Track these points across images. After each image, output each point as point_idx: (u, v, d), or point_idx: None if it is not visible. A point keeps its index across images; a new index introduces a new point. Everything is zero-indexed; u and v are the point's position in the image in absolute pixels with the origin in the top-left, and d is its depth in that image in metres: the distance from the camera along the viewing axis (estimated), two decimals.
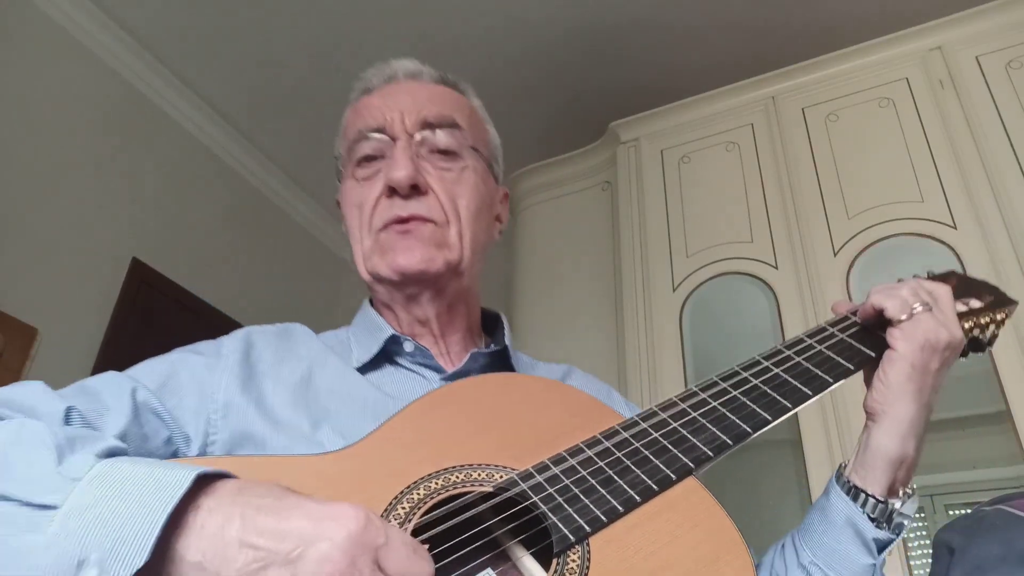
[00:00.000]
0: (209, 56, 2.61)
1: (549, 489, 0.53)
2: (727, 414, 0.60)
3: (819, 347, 0.68)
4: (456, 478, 0.54)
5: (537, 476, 0.54)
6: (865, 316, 0.71)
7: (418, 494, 0.52)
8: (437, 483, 0.53)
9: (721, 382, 0.65)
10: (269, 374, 0.69)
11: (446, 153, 0.76)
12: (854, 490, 0.65)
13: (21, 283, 2.11)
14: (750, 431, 0.59)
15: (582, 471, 0.55)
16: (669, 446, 0.57)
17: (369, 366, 0.74)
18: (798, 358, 0.67)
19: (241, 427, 0.63)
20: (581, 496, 0.52)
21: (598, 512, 0.51)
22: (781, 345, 0.69)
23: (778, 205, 2.13)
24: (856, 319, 0.72)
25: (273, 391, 0.67)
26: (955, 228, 1.86)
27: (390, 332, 0.75)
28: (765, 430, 0.61)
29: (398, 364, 0.75)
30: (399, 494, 0.51)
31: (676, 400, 0.63)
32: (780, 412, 0.61)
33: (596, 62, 2.61)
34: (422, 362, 0.75)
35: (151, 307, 2.49)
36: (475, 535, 0.50)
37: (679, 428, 0.59)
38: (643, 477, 0.54)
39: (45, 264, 2.20)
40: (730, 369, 0.66)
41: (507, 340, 0.79)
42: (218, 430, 0.63)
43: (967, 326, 0.72)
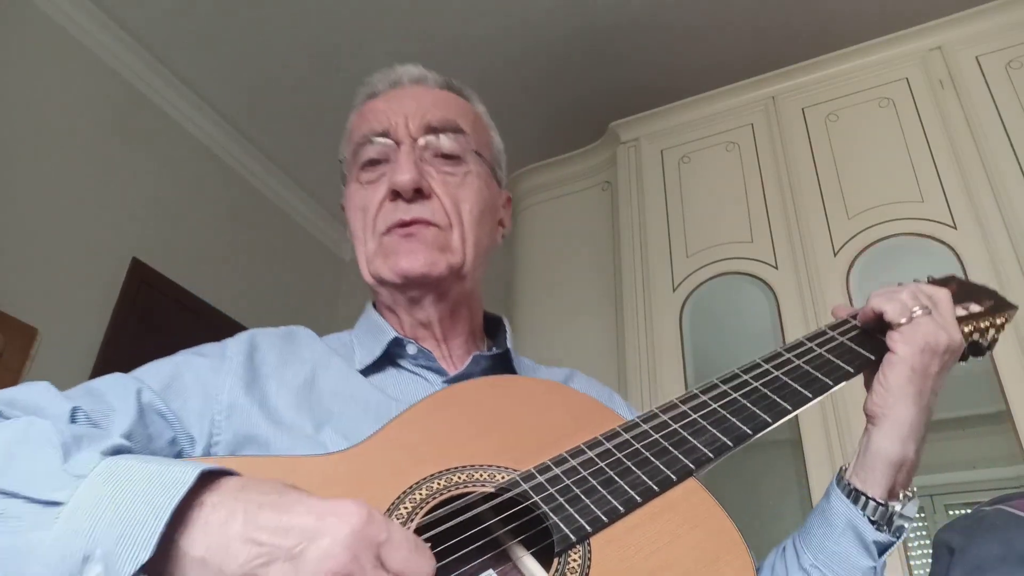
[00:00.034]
0: (209, 56, 2.61)
1: (550, 489, 0.53)
2: (727, 416, 0.61)
3: (819, 350, 0.69)
4: (458, 478, 0.54)
5: (539, 476, 0.54)
6: (865, 320, 0.71)
7: (420, 494, 0.52)
8: (439, 483, 0.53)
9: (721, 384, 0.65)
10: (273, 376, 0.69)
11: (449, 157, 0.77)
12: (854, 493, 0.65)
13: (21, 283, 2.11)
14: (750, 433, 0.60)
15: (583, 472, 0.55)
16: (670, 447, 0.57)
17: (372, 368, 0.74)
18: (798, 361, 0.67)
19: (245, 428, 0.63)
20: (582, 496, 0.53)
21: (599, 512, 0.51)
22: (781, 348, 0.69)
23: (778, 205, 2.13)
24: (856, 323, 0.72)
25: (277, 393, 0.67)
26: (955, 228, 1.86)
27: (393, 335, 0.75)
28: (765, 432, 0.61)
29: (401, 367, 0.75)
30: (401, 494, 0.52)
31: (677, 402, 0.63)
32: (780, 415, 0.62)
33: (596, 62, 2.61)
34: (425, 365, 0.75)
35: (151, 307, 2.49)
36: (476, 535, 0.50)
37: (680, 430, 0.59)
38: (644, 478, 0.55)
39: (45, 264, 2.20)
40: (730, 372, 0.67)
41: (509, 343, 0.80)
42: (222, 431, 0.63)
43: (967, 330, 0.72)
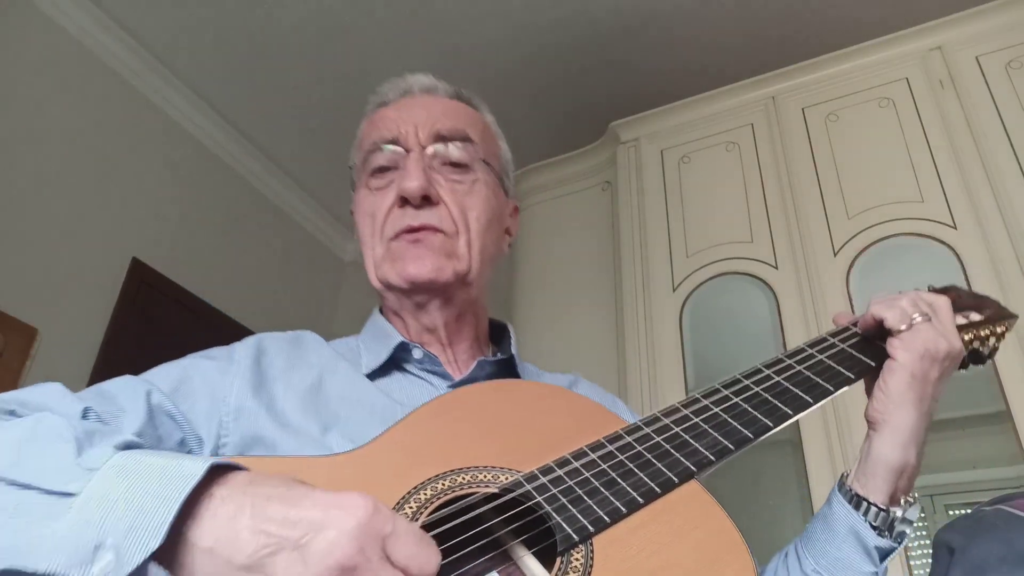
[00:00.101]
0: (209, 56, 2.61)
1: (553, 490, 0.54)
2: (729, 420, 0.61)
3: (820, 356, 0.69)
4: (462, 479, 0.55)
5: (542, 478, 0.55)
6: (865, 327, 0.72)
7: (425, 494, 0.53)
8: (444, 484, 0.54)
9: (723, 389, 0.66)
10: (280, 379, 0.70)
11: (458, 166, 0.78)
12: (856, 498, 0.66)
13: (21, 283, 2.11)
14: (751, 437, 0.60)
15: (585, 473, 0.56)
16: (671, 450, 0.58)
17: (378, 373, 0.75)
18: (799, 367, 0.68)
19: (252, 430, 0.64)
20: (585, 497, 0.53)
21: (601, 513, 0.52)
22: (782, 354, 0.70)
23: (778, 205, 2.13)
24: (856, 330, 0.73)
25: (284, 396, 0.68)
26: (955, 228, 1.86)
27: (399, 339, 0.76)
28: (766, 436, 0.61)
29: (406, 371, 0.77)
30: (406, 494, 0.52)
31: (678, 406, 0.64)
32: (781, 419, 0.62)
33: (596, 62, 2.62)
34: (430, 369, 0.76)
35: (151, 307, 2.49)
36: (479, 534, 0.51)
37: (681, 433, 0.60)
38: (646, 480, 0.55)
39: (45, 264, 2.20)
40: (732, 377, 0.67)
41: (513, 349, 0.81)
42: (229, 432, 0.64)
43: (967, 338, 0.73)
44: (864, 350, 0.70)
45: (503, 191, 0.84)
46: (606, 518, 0.52)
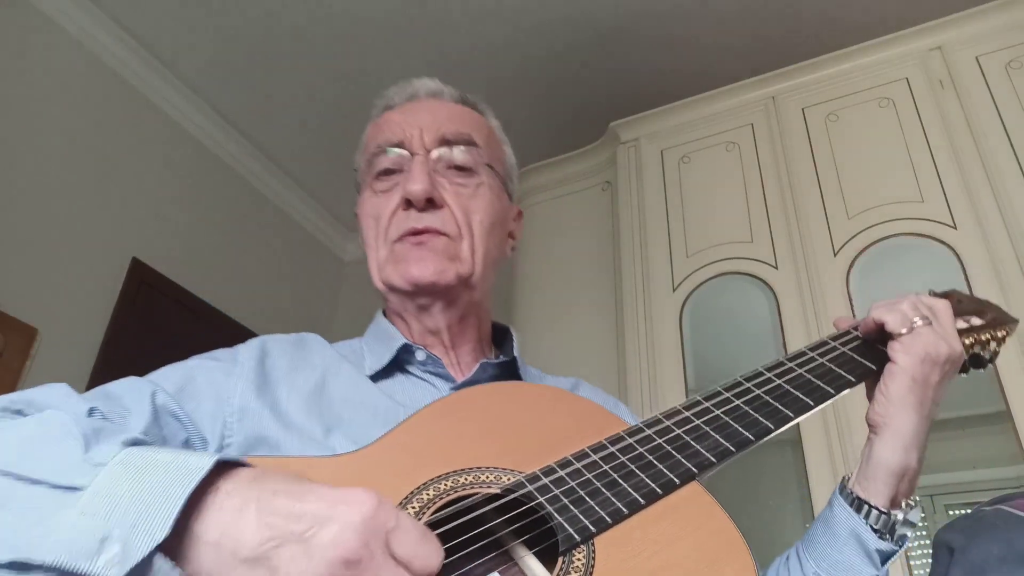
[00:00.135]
0: (209, 56, 2.61)
1: (555, 491, 0.54)
2: (730, 422, 0.62)
3: (821, 359, 0.70)
4: (465, 480, 0.55)
5: (544, 478, 0.55)
6: (866, 330, 0.72)
7: (427, 494, 0.53)
8: (446, 484, 0.54)
9: (724, 392, 0.66)
10: (284, 381, 0.71)
11: (462, 169, 0.78)
12: (857, 501, 0.66)
13: (21, 283, 2.11)
14: (752, 439, 0.60)
15: (587, 474, 0.56)
16: (673, 452, 0.58)
17: (381, 374, 0.75)
18: (800, 370, 0.68)
19: (256, 431, 0.65)
20: (586, 498, 0.54)
21: (603, 513, 0.52)
22: (783, 357, 0.71)
23: (778, 205, 2.13)
24: (857, 333, 0.73)
25: (287, 398, 0.69)
26: (955, 228, 1.86)
27: (402, 341, 0.76)
28: (767, 439, 0.62)
29: (409, 373, 0.77)
30: (409, 495, 0.53)
31: (680, 408, 0.64)
32: (782, 421, 0.63)
33: (596, 62, 2.62)
34: (433, 371, 0.76)
35: (151, 307, 2.49)
36: (481, 535, 0.51)
37: (683, 435, 0.60)
38: (647, 481, 0.55)
39: (45, 264, 2.20)
40: (732, 380, 0.68)
41: (516, 352, 0.81)
42: (233, 433, 0.65)
43: (968, 342, 0.74)
44: (865, 354, 0.70)
45: (507, 195, 0.85)
46: (608, 518, 0.52)
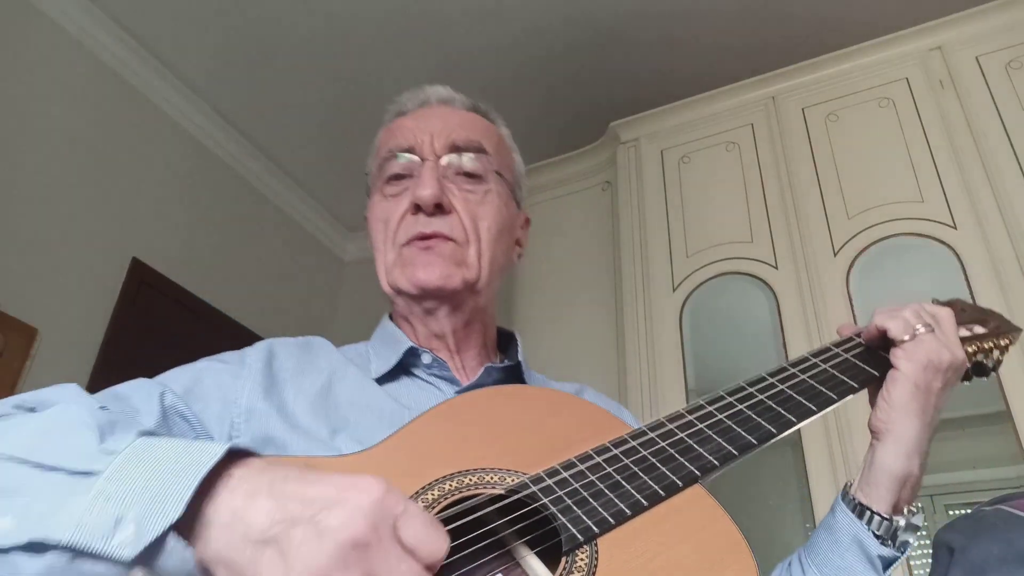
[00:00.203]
0: (209, 56, 2.61)
1: (559, 492, 0.54)
2: (733, 426, 0.62)
3: (824, 365, 0.70)
4: (469, 480, 0.55)
5: (547, 480, 0.56)
6: (869, 337, 0.73)
7: (432, 495, 0.53)
8: (451, 485, 0.54)
9: (727, 396, 0.66)
10: (290, 383, 0.71)
11: (471, 176, 0.79)
12: (859, 507, 0.66)
13: (21, 283, 2.11)
14: (755, 443, 0.61)
15: (591, 476, 0.56)
16: (676, 455, 0.59)
17: (387, 377, 0.76)
18: (803, 375, 0.69)
19: (263, 431, 0.65)
20: (590, 499, 0.54)
21: (606, 514, 0.53)
22: (786, 363, 0.71)
23: (778, 205, 2.13)
24: (860, 340, 0.74)
25: (294, 400, 0.69)
26: (955, 228, 1.86)
27: (409, 344, 0.77)
28: (770, 443, 0.62)
29: (415, 376, 0.77)
30: (414, 494, 0.53)
31: (683, 412, 0.65)
32: (785, 426, 0.63)
33: (596, 63, 2.62)
34: (439, 374, 0.77)
35: (151, 307, 2.49)
36: (484, 535, 0.52)
37: (686, 438, 0.61)
38: (651, 483, 0.56)
39: (45, 264, 2.20)
40: (736, 384, 0.68)
41: (520, 356, 0.82)
42: (240, 433, 0.65)
43: (970, 350, 0.74)
44: (868, 360, 0.71)
45: (515, 203, 0.85)
46: (611, 519, 0.52)
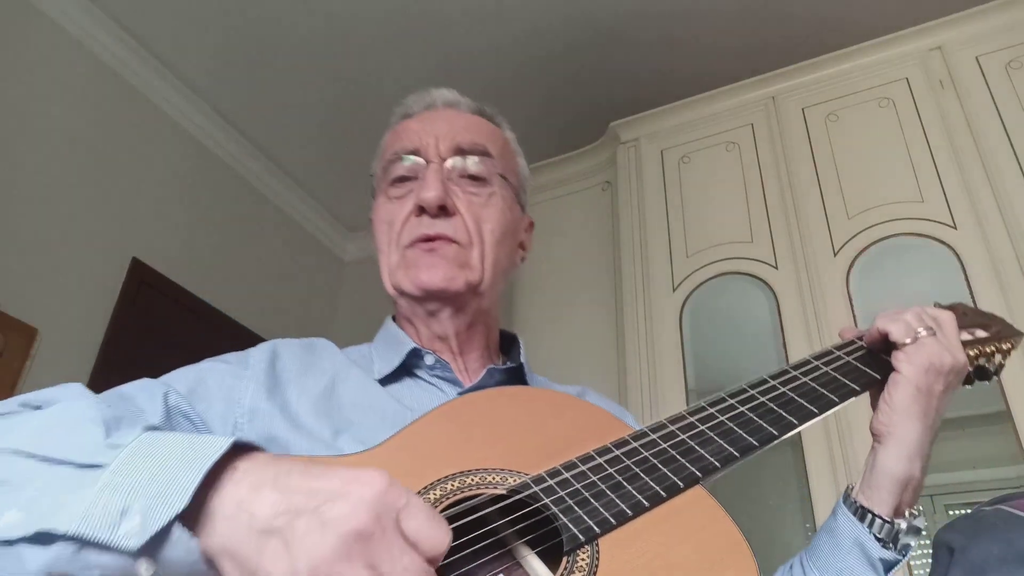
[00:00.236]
0: (209, 56, 2.61)
1: (560, 492, 0.55)
2: (734, 428, 0.62)
3: (825, 368, 0.70)
4: (471, 480, 0.55)
5: (549, 480, 0.56)
6: (871, 340, 0.73)
7: (434, 494, 0.54)
8: (453, 484, 0.55)
9: (729, 398, 0.66)
10: (294, 383, 0.72)
11: (476, 179, 0.80)
12: (861, 510, 0.67)
13: (21, 283, 2.11)
14: (756, 445, 0.61)
15: (593, 476, 0.56)
16: (677, 456, 0.59)
17: (390, 378, 0.76)
18: (804, 378, 0.69)
19: (266, 431, 0.66)
20: (591, 499, 0.54)
21: (607, 515, 0.53)
22: (788, 366, 0.71)
23: (778, 205, 2.13)
24: (862, 343, 0.74)
25: (297, 400, 0.70)
26: (955, 228, 1.86)
27: (412, 345, 0.77)
28: (771, 445, 0.62)
29: (418, 377, 0.78)
30: (416, 493, 0.53)
31: (685, 414, 0.65)
32: (786, 428, 0.63)
33: (596, 63, 2.62)
34: (441, 375, 0.77)
35: (151, 307, 2.49)
36: (485, 534, 0.52)
37: (687, 440, 0.61)
38: (652, 484, 0.56)
39: (45, 264, 2.20)
40: (737, 387, 0.68)
41: (523, 358, 0.82)
42: (244, 433, 0.66)
43: (972, 354, 0.74)
44: (870, 363, 0.71)
45: (519, 206, 0.86)
46: (612, 520, 0.52)
